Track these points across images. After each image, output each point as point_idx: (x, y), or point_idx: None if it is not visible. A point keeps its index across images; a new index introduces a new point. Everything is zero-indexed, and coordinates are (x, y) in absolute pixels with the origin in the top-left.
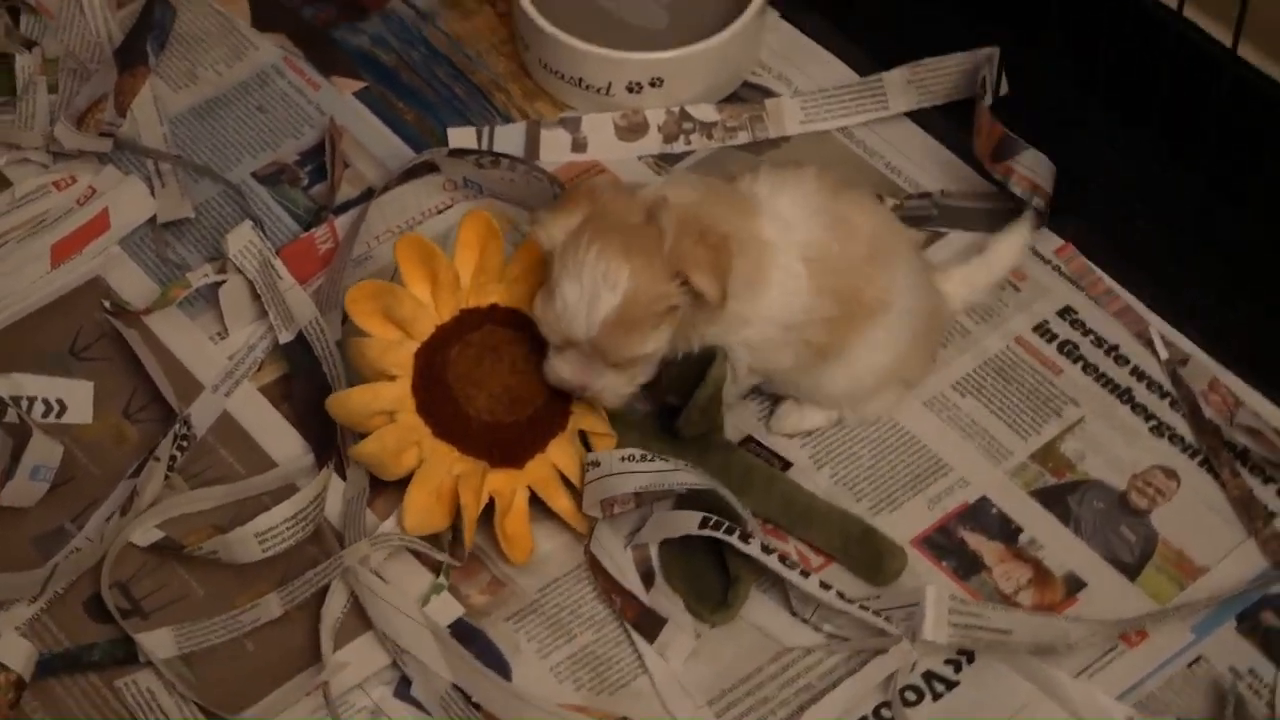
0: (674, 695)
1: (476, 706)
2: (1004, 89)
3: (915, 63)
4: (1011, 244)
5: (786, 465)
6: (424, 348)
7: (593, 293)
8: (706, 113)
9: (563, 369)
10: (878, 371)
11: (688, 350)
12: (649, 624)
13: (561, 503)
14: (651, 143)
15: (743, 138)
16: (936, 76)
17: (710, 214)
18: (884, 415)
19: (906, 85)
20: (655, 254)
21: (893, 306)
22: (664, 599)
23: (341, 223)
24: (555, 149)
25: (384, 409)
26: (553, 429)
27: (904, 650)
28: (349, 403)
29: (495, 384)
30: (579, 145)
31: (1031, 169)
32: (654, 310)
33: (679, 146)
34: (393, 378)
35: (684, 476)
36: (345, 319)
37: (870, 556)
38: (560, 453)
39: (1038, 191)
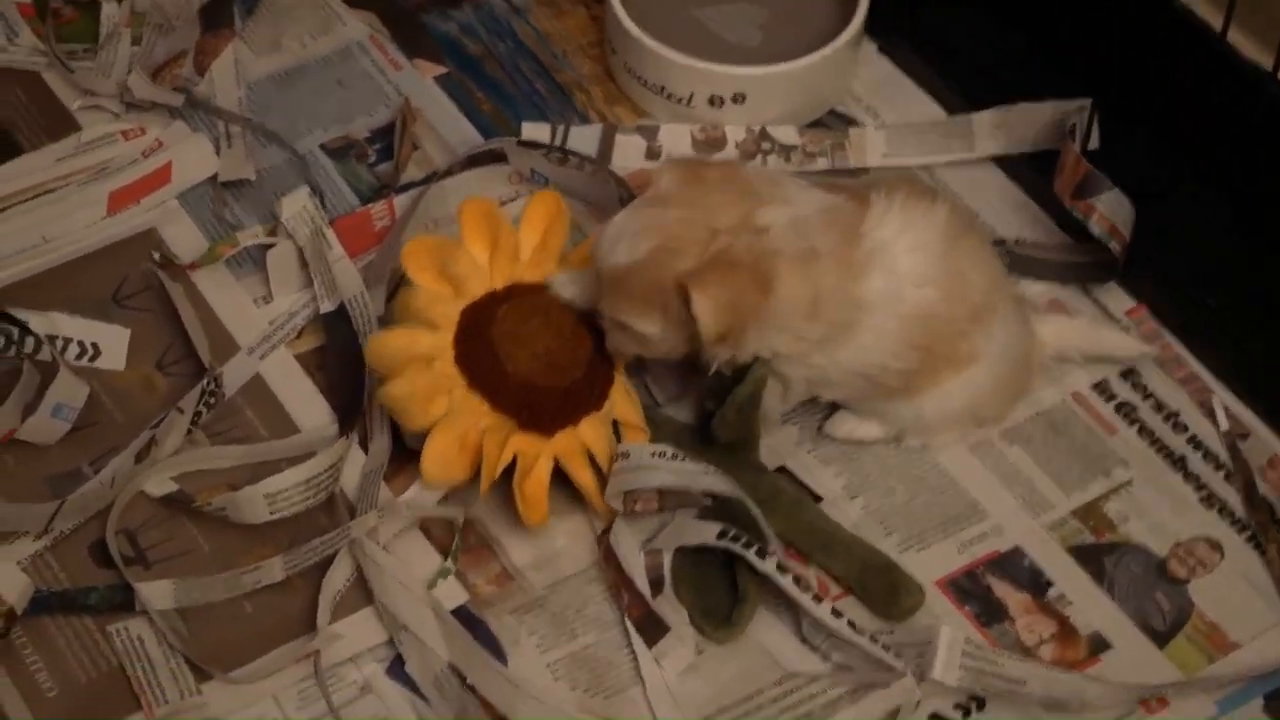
0: (663, 704)
1: (471, 689)
2: (1094, 143)
3: (1006, 106)
4: (1123, 339)
5: (817, 499)
6: (472, 305)
7: (620, 238)
8: (787, 135)
9: (569, 285)
10: (946, 415)
11: (736, 362)
12: (651, 628)
13: (584, 477)
14: (729, 159)
15: (821, 164)
16: (1027, 122)
17: (813, 265)
18: (948, 447)
19: (995, 129)
20: (685, 259)
21: (979, 360)
22: (670, 609)
23: (400, 202)
24: (629, 155)
25: (422, 354)
26: (588, 405)
27: (907, 686)
28: (388, 343)
29: (539, 345)
30: (653, 154)
31: (1112, 210)
32: (648, 297)
33: (755, 166)
34: (436, 328)
35: (711, 481)
36: (390, 297)
37: (886, 590)
38: (592, 430)
39: (1115, 234)
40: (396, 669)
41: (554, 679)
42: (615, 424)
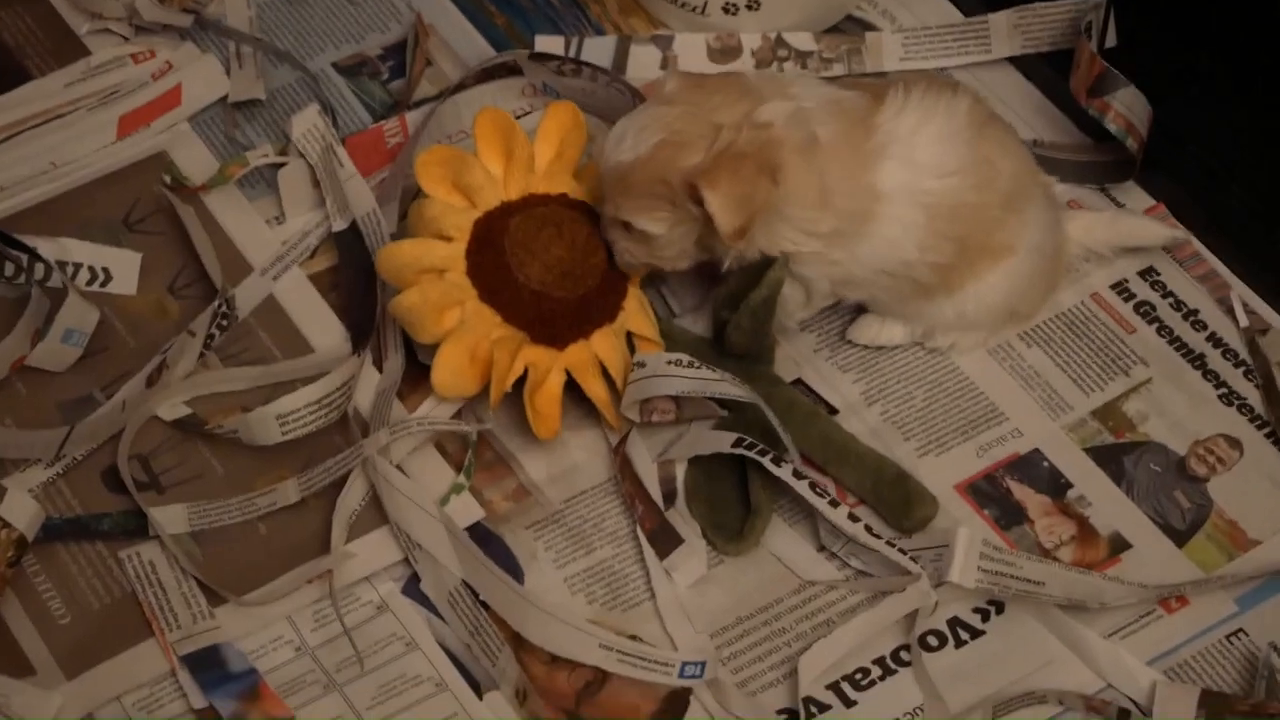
0: (674, 617)
1: (485, 606)
2: (1111, 40)
3: (1023, 6)
4: (1150, 225)
5: (832, 410)
6: (485, 216)
7: (624, 137)
8: (803, 41)
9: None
10: (990, 309)
11: (746, 258)
12: (664, 540)
13: (596, 389)
14: (744, 68)
15: (838, 69)
16: (1044, 22)
17: (817, 153)
18: (971, 350)
19: (1012, 29)
20: (690, 152)
21: (1018, 250)
22: (683, 521)
23: (413, 118)
24: (644, 65)
25: (434, 265)
26: (600, 317)
27: (923, 589)
28: (400, 253)
29: (551, 255)
30: (668, 64)
31: (1128, 108)
32: (653, 191)
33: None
34: (449, 239)
35: (727, 387)
36: (403, 215)
37: (900, 500)
38: (604, 343)
39: (1132, 132)
40: (412, 587)
41: (571, 593)
42: (629, 337)
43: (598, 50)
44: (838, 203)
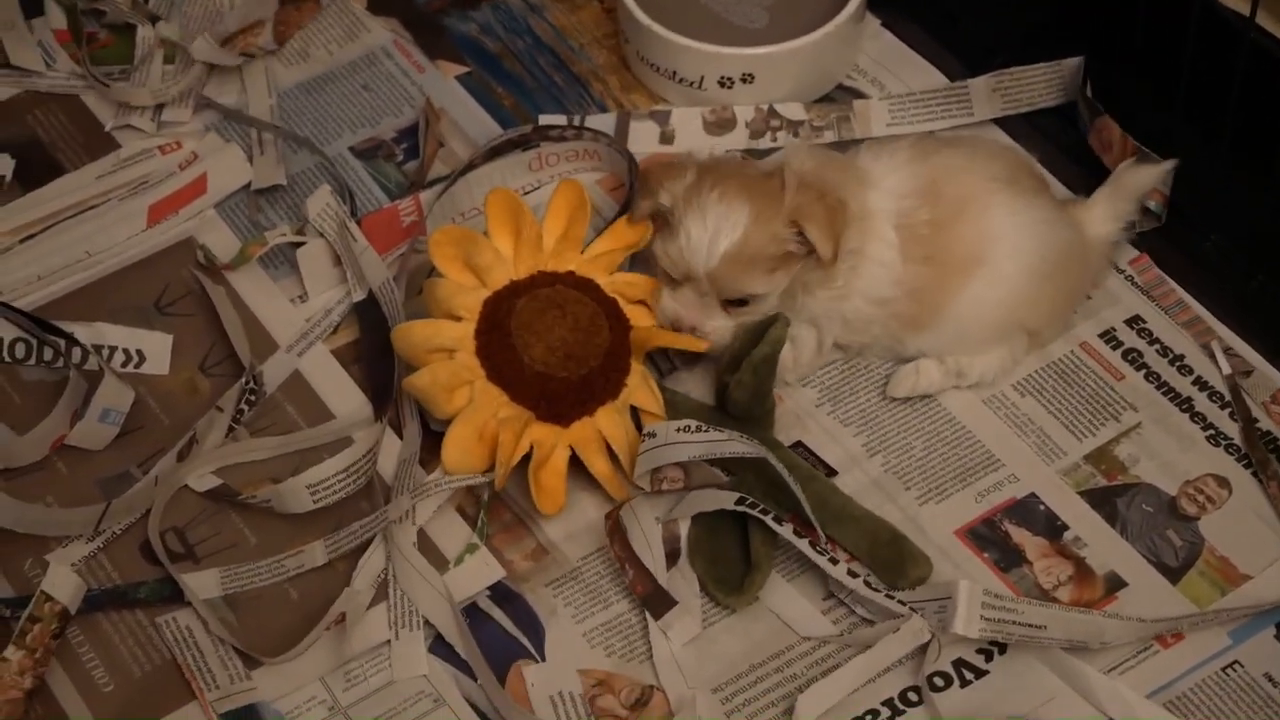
0: (668, 673)
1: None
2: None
3: (1000, 71)
4: (1143, 170)
5: (831, 473)
6: (493, 296)
7: (716, 228)
8: (794, 111)
9: (677, 306)
10: (986, 324)
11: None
12: (657, 602)
13: (600, 466)
14: (739, 138)
15: (829, 137)
16: (1021, 85)
17: (828, 180)
18: (1003, 374)
19: (991, 93)
20: (776, 201)
21: (988, 258)
22: (681, 581)
23: (426, 197)
24: (644, 140)
25: (444, 345)
26: (604, 395)
27: (915, 628)
28: (411, 334)
29: (554, 337)
30: (667, 138)
31: (1163, 183)
32: (770, 251)
33: (765, 143)
34: (459, 319)
35: (736, 445)
36: (418, 292)
37: (894, 561)
38: (607, 420)
39: (1164, 201)
40: (439, 645)
41: (590, 647)
42: (635, 410)
43: (600, 126)
44: (854, 217)
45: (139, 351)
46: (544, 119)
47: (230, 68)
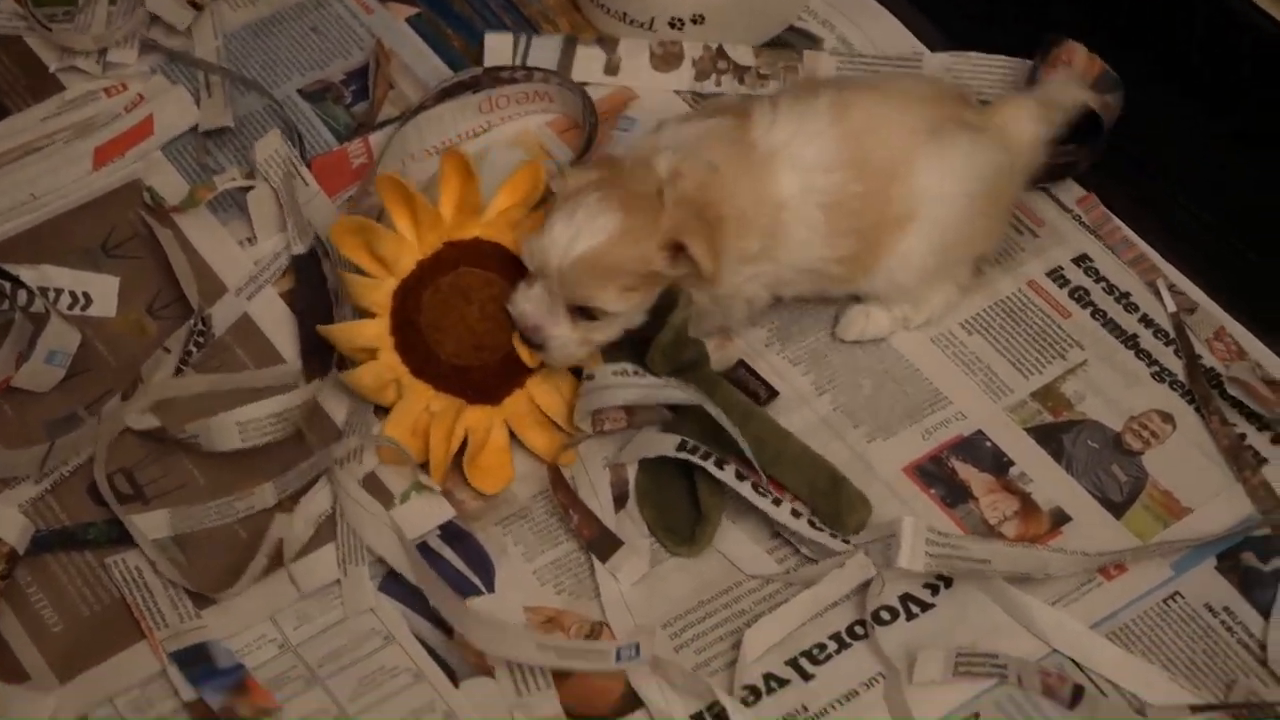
0: (615, 611)
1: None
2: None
3: (960, 53)
4: (1068, 87)
5: (772, 394)
6: (400, 287)
7: (579, 228)
8: (743, 55)
9: (524, 303)
10: (924, 272)
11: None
12: (604, 544)
13: (536, 439)
14: (684, 77)
15: (773, 87)
16: (975, 70)
17: (722, 189)
18: (949, 310)
19: (944, 71)
20: (652, 219)
21: (919, 214)
22: (629, 523)
23: (376, 139)
24: (589, 68)
25: (365, 345)
26: (529, 368)
27: (859, 562)
28: (334, 337)
29: (462, 329)
30: (612, 68)
31: (1119, 105)
32: (631, 268)
33: (709, 86)
34: (374, 315)
35: (673, 393)
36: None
37: (833, 508)
38: (539, 389)
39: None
40: (389, 584)
41: (540, 584)
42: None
43: (545, 49)
44: (754, 221)
45: (85, 294)
46: (489, 39)
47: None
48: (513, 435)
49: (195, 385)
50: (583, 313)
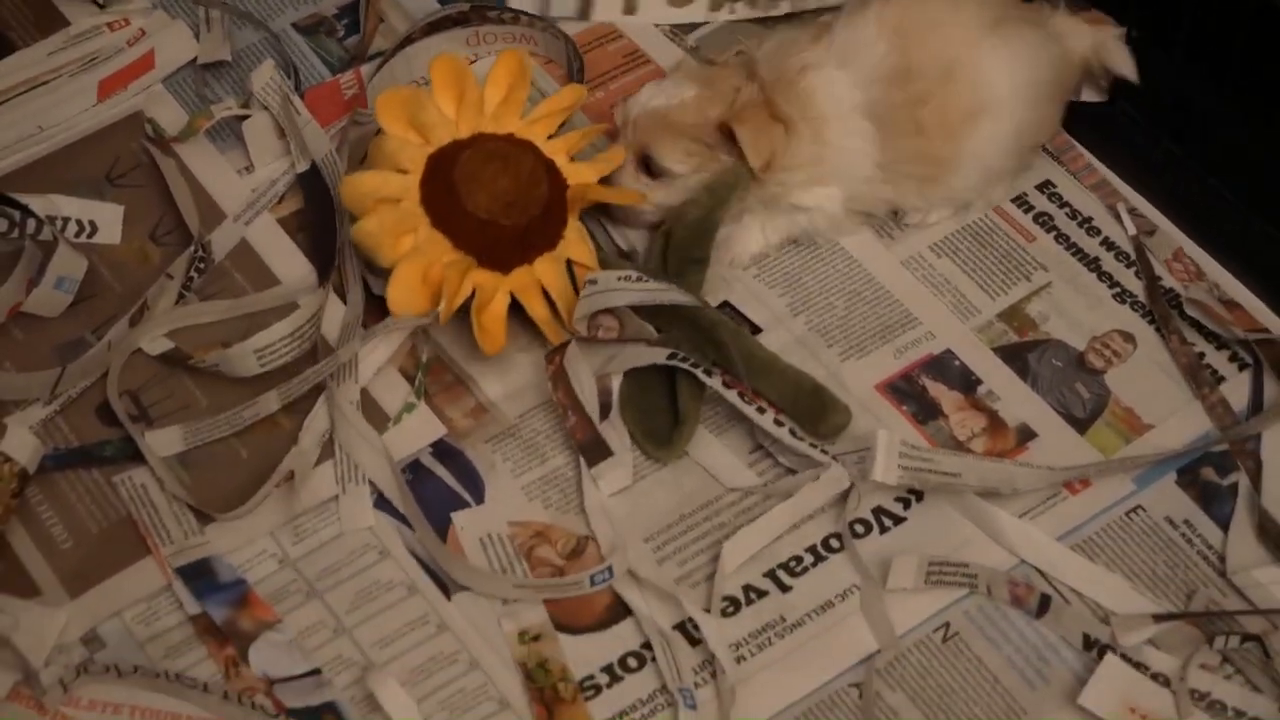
0: (598, 518)
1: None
2: None
3: None
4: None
5: (756, 330)
6: (437, 152)
7: (661, 89)
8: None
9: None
10: (1004, 156)
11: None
12: (594, 450)
13: (538, 309)
14: (699, 9)
15: (785, 7)
16: None
17: (791, 95)
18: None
19: None
20: (724, 101)
21: (988, 106)
22: (614, 433)
23: (367, 71)
24: (609, 7)
25: (391, 195)
26: (542, 244)
27: (835, 475)
28: (360, 184)
29: (497, 186)
30: (630, 7)
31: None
32: (693, 133)
33: (723, 15)
34: (405, 172)
35: (674, 295)
36: (361, 159)
37: (815, 409)
38: (545, 268)
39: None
40: (383, 501)
41: (529, 499)
42: (569, 264)
43: None
44: (807, 130)
45: (91, 222)
46: None
47: None
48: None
49: (208, 313)
50: (647, 170)
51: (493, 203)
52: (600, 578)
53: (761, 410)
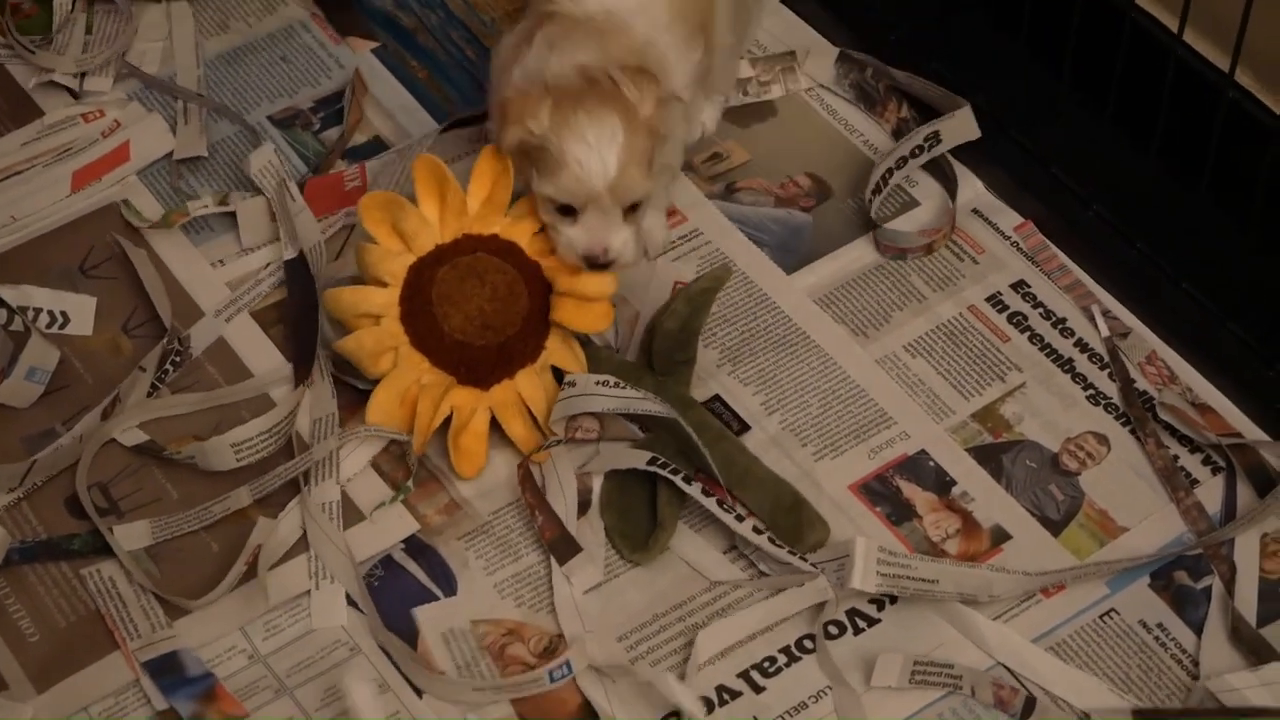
0: (567, 614)
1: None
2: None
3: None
4: None
5: (744, 427)
6: (418, 263)
7: (600, 147)
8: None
9: (583, 235)
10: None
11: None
12: (563, 547)
13: (517, 429)
14: None
15: (776, 91)
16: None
17: (629, 54)
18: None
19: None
20: (624, 103)
21: None
22: (589, 531)
23: (372, 166)
24: None
25: (371, 311)
26: (524, 359)
27: (819, 586)
28: (341, 298)
29: (472, 307)
30: None
31: None
32: (645, 146)
33: None
34: (386, 285)
35: (649, 404)
36: (339, 254)
37: (794, 526)
38: (527, 382)
39: None
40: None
41: (501, 597)
42: (557, 370)
43: None
44: (654, 60)
45: (63, 313)
46: None
47: (155, 41)
48: (493, 428)
49: (179, 405)
50: (630, 210)
51: (468, 324)
52: (559, 673)
53: (740, 519)
